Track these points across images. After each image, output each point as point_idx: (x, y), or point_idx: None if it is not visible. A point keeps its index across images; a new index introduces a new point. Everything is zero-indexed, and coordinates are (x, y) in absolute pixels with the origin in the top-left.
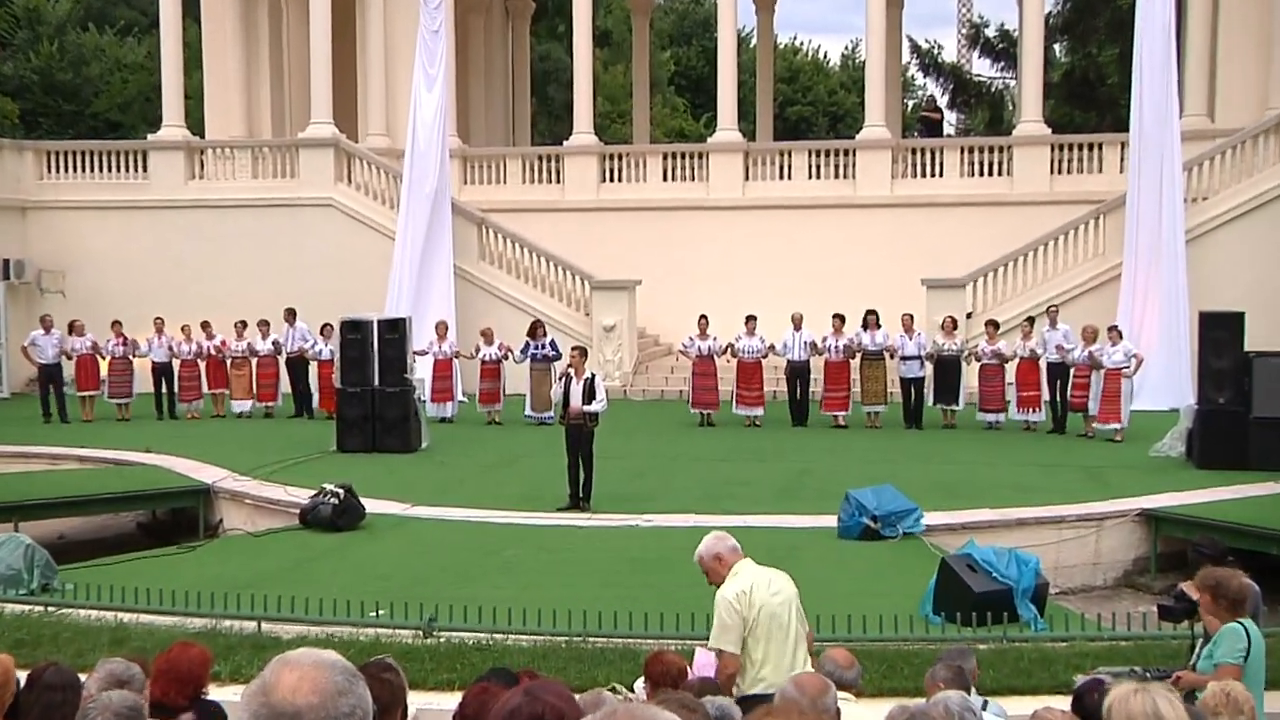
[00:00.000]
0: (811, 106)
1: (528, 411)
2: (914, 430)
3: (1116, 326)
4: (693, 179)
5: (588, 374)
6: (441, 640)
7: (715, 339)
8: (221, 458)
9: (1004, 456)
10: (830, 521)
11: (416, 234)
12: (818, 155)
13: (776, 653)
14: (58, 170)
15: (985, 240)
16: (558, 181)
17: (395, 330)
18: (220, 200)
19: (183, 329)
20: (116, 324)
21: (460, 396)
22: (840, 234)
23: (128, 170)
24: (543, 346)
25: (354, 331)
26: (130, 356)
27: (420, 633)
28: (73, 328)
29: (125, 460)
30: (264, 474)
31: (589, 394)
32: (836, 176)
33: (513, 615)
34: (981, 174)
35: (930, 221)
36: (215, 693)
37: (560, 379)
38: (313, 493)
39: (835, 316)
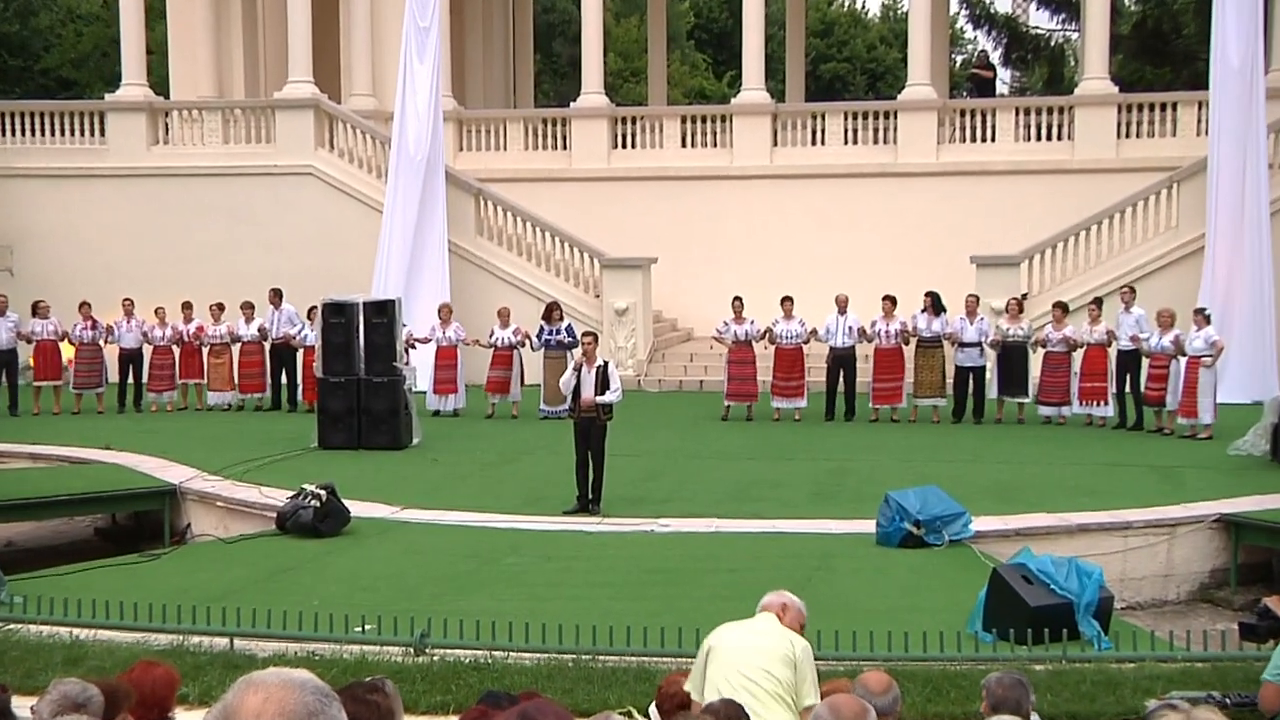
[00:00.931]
0: (848, 63)
1: (542, 406)
2: (964, 424)
3: (1204, 310)
4: (715, 145)
5: (600, 361)
6: (435, 658)
7: (753, 322)
8: (190, 455)
9: (1064, 455)
10: (868, 527)
11: (406, 206)
12: (855, 118)
13: None
14: (3, 133)
15: (1043, 213)
16: (564, 148)
17: (383, 313)
18: (187, 168)
19: (156, 312)
20: (85, 306)
21: (461, 390)
22: (880, 206)
23: (83, 134)
24: (557, 332)
25: (337, 315)
26: (100, 342)
27: (411, 650)
28: (36, 309)
29: (82, 458)
30: (237, 473)
31: (602, 383)
32: (876, 142)
33: (514, 630)
34: (1039, 138)
35: (981, 192)
36: (182, 717)
37: (573, 369)
38: (291, 494)
39: (886, 299)
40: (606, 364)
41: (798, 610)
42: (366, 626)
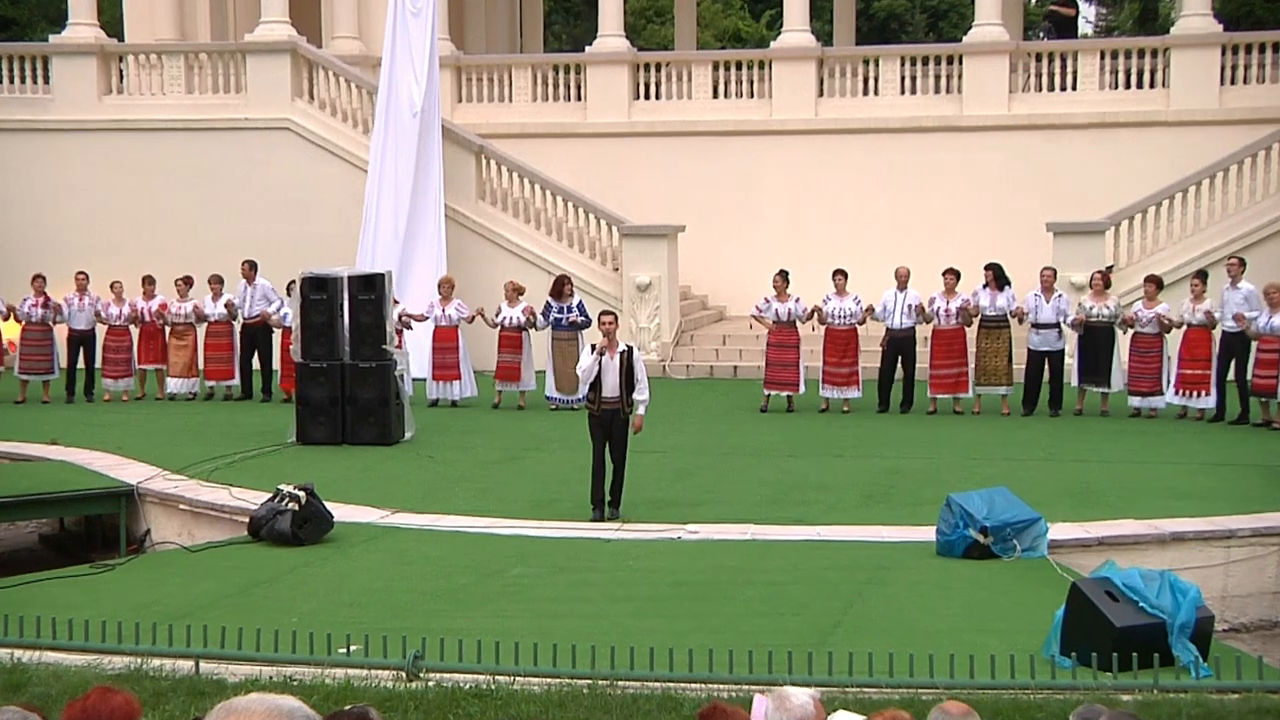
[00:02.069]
0: (905, 0)
1: (550, 392)
2: (1038, 416)
3: None
4: (752, 96)
5: (623, 346)
6: (430, 684)
7: (798, 300)
8: (150, 452)
9: (1156, 452)
10: (928, 534)
11: (398, 166)
12: (913, 64)
13: None
14: None
15: (1133, 173)
16: (578, 99)
17: (371, 288)
18: (145, 122)
19: (113, 287)
20: (38, 279)
21: (468, 377)
22: (942, 166)
23: (24, 81)
24: (568, 310)
25: (318, 291)
26: (51, 322)
27: (402, 674)
28: None
29: (26, 455)
30: (204, 473)
31: (627, 373)
32: (938, 91)
33: (520, 652)
34: (1128, 86)
35: (1060, 149)
36: None
37: (594, 355)
38: (266, 497)
39: (947, 272)
40: (631, 350)
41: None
42: (352, 647)
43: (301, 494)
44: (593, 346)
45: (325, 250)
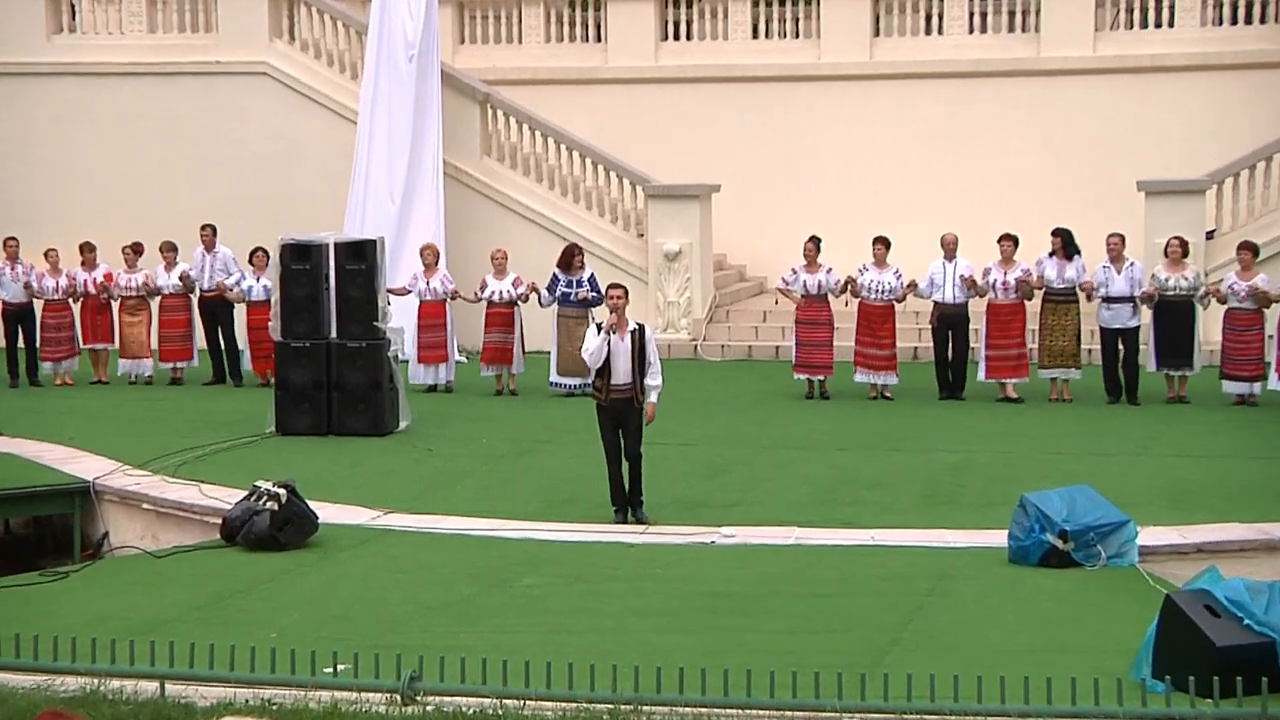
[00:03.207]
0: None
1: (554, 377)
2: (1122, 405)
3: None
4: (796, 36)
5: (632, 325)
6: (428, 708)
7: (830, 271)
8: (108, 443)
9: (1262, 445)
10: (999, 539)
11: (391, 117)
12: None
13: None
14: None
15: (1237, 123)
16: (598, 40)
17: (361, 257)
18: (100, 65)
19: (47, 255)
20: None
21: (458, 356)
22: (1016, 116)
23: None
24: (578, 284)
25: (300, 260)
26: None
27: (398, 697)
28: None
29: None
30: (170, 467)
31: (638, 355)
32: (1011, 30)
33: (531, 672)
34: (1234, 22)
35: (1154, 95)
36: None
37: (602, 336)
38: (242, 495)
39: (1004, 239)
40: (642, 329)
41: None
42: (340, 666)
43: (282, 492)
44: (598, 325)
45: (308, 213)
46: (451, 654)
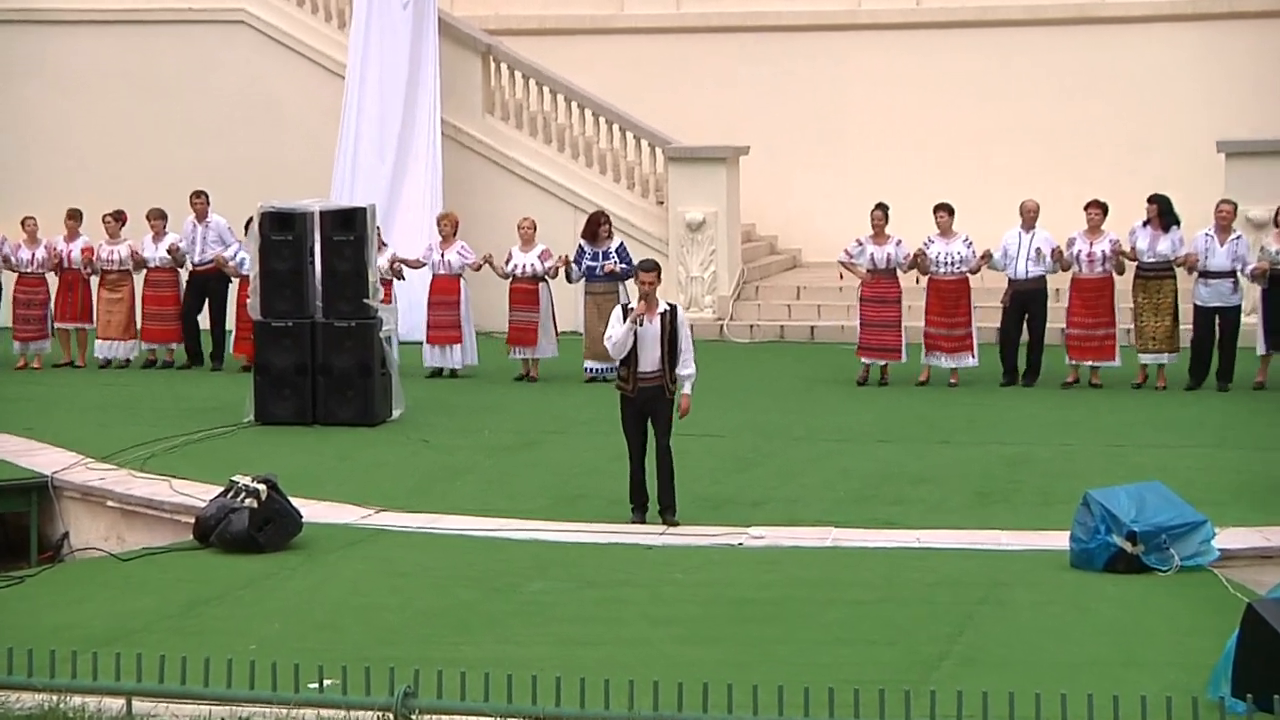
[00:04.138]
0: None
1: (587, 363)
2: (1206, 390)
3: None
4: None
5: (663, 306)
6: None
7: (900, 243)
8: (70, 434)
9: None
10: (1059, 541)
11: (382, 70)
12: None
13: None
14: None
15: None
16: None
17: (349, 226)
18: (59, 12)
19: (24, 224)
20: None
21: (469, 340)
22: (1084, 67)
23: None
24: (605, 255)
25: (282, 229)
26: None
27: (390, 715)
28: None
29: None
30: (137, 460)
31: (669, 341)
32: None
33: (539, 687)
34: None
35: (1234, 42)
36: None
37: (629, 324)
38: (217, 491)
39: (1092, 206)
40: (674, 310)
41: None
42: (326, 681)
43: (261, 488)
44: (625, 309)
45: (291, 178)
46: (450, 667)
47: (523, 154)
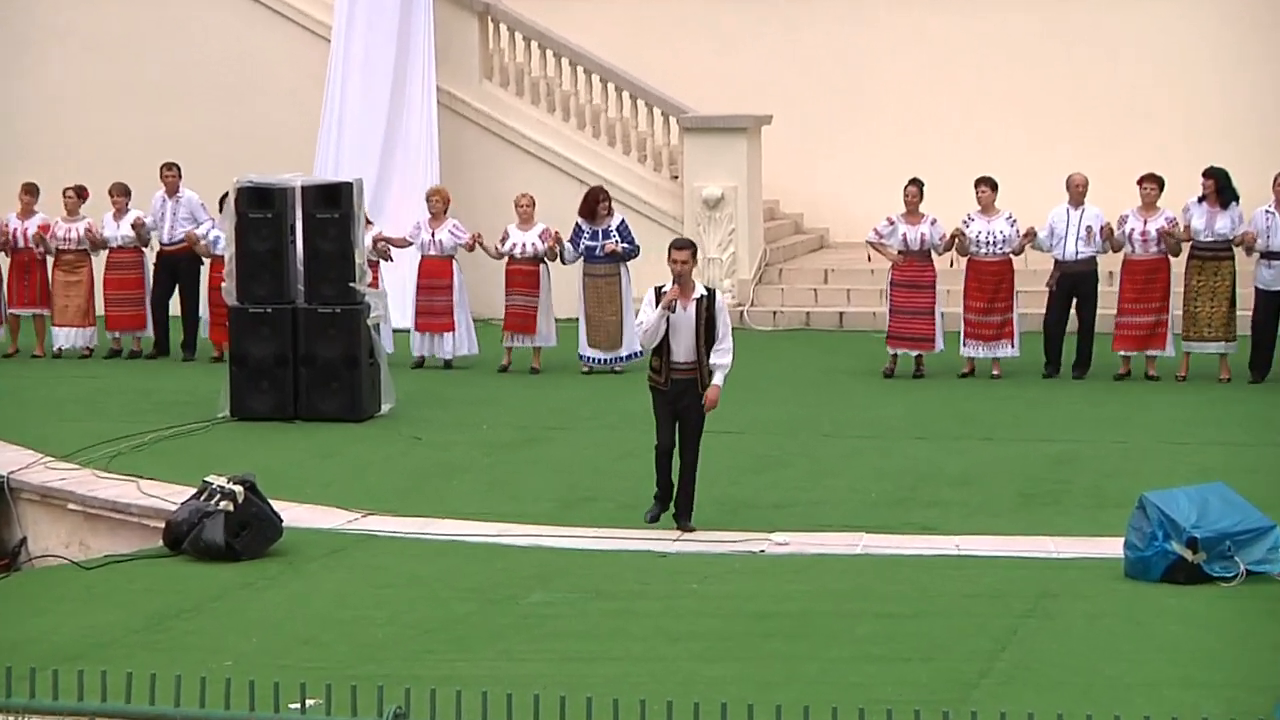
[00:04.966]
0: None
1: (584, 350)
2: (1271, 382)
3: None
4: None
5: (700, 291)
6: None
7: (935, 222)
8: (28, 430)
9: None
10: (1112, 549)
11: (370, 33)
12: None
13: None
14: None
15: None
16: None
17: (334, 203)
18: None
19: None
20: None
21: (465, 328)
22: (1139, 28)
23: None
24: (605, 234)
25: (260, 206)
26: None
27: None
28: None
29: None
30: (102, 460)
31: (706, 328)
32: None
33: (541, 708)
34: None
35: None
36: None
37: (661, 310)
38: (190, 493)
39: (1147, 180)
40: (711, 295)
41: None
42: (309, 701)
43: (238, 489)
44: (657, 292)
45: (271, 150)
46: (445, 686)
47: (524, 124)
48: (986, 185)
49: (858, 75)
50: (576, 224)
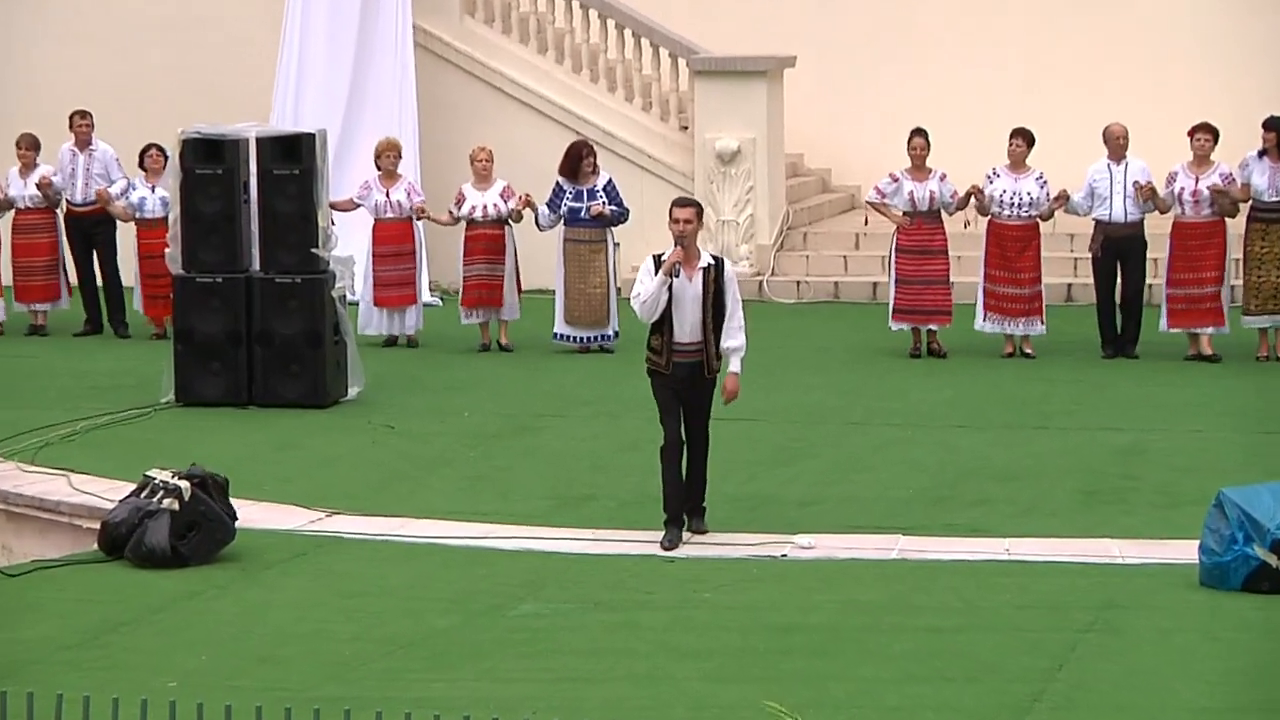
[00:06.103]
0: None
1: (559, 327)
2: None
3: None
4: None
5: (706, 260)
6: None
7: (944, 179)
8: None
9: None
10: (1187, 553)
11: None
12: None
13: None
14: None
15: None
16: None
17: (294, 158)
18: None
19: None
20: None
21: (429, 296)
22: None
23: None
24: (590, 194)
25: (208, 161)
26: None
27: None
28: None
29: None
30: (28, 452)
31: (714, 303)
32: None
33: None
34: None
35: None
36: None
37: (662, 276)
38: (129, 490)
39: (1199, 130)
40: (719, 264)
41: None
42: None
43: (184, 485)
44: (656, 259)
45: (223, 97)
46: (422, 709)
47: (511, 66)
48: (1021, 138)
49: (892, 13)
50: (557, 183)
